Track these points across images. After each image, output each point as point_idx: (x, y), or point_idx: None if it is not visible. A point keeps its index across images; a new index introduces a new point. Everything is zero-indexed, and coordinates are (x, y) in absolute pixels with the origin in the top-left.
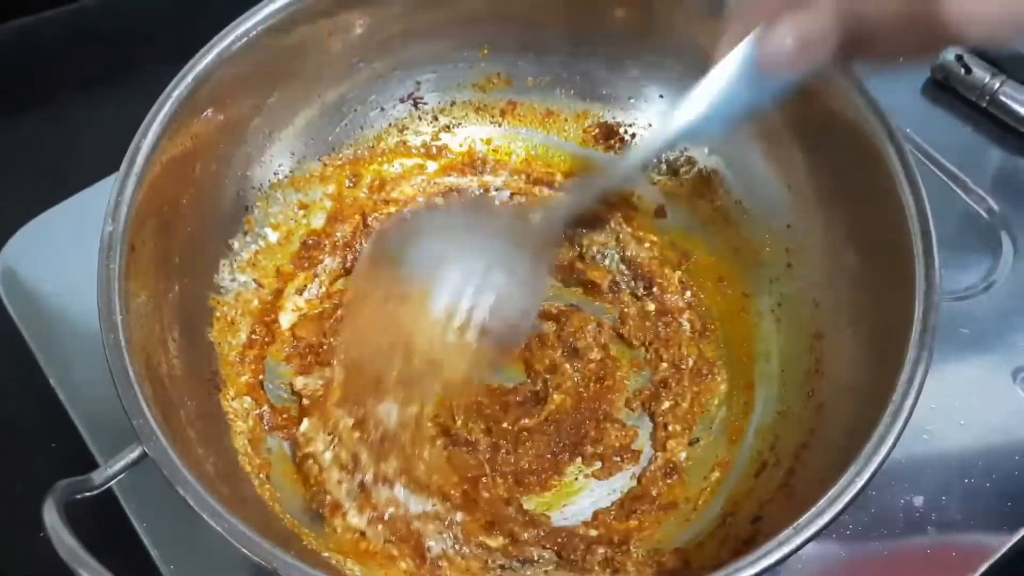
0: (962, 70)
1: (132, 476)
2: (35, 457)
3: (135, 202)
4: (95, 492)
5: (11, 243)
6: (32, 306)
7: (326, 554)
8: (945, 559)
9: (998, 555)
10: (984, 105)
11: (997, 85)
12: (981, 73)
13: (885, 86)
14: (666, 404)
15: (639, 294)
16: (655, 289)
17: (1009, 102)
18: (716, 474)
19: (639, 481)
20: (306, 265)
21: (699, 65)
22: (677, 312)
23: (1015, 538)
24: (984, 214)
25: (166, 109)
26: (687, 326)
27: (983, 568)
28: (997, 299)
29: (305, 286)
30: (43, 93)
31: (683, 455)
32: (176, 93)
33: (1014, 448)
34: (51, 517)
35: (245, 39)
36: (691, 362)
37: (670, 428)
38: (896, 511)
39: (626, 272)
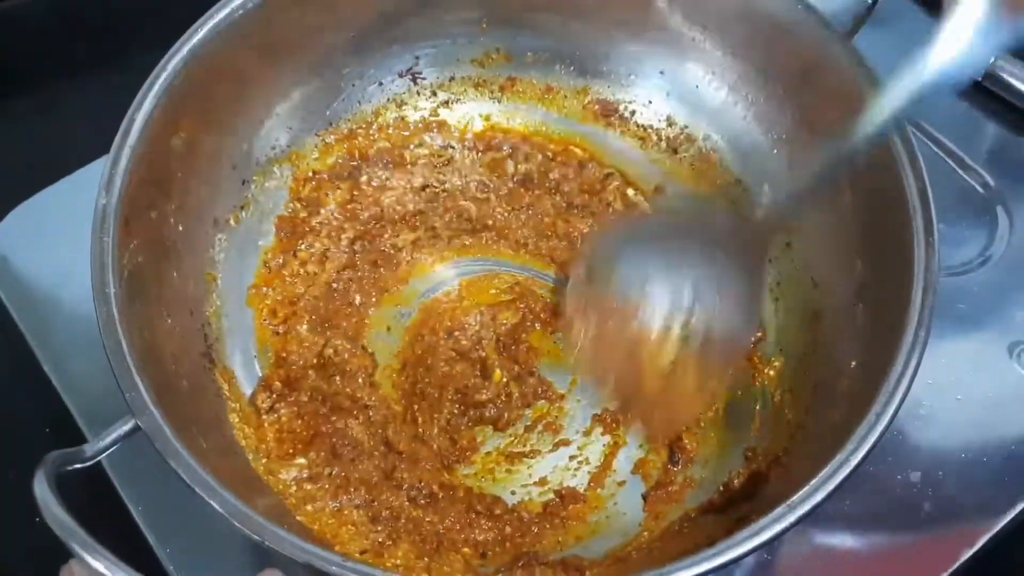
0: None
1: (126, 457)
2: (29, 443)
3: (129, 175)
4: (87, 464)
5: (0, 228)
6: (24, 291)
7: (317, 527)
8: (944, 533)
9: (996, 528)
10: (980, 80)
11: (993, 60)
12: None
13: (881, 63)
14: None
15: None
16: None
17: (1005, 76)
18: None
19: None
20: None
21: (696, 42)
22: None
23: (1013, 512)
24: (980, 189)
25: (161, 81)
26: None
27: (982, 542)
28: (993, 274)
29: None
30: (31, 78)
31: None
32: (171, 66)
33: (1011, 422)
34: (41, 489)
35: (240, 12)
36: None
37: None
38: (894, 486)
39: None
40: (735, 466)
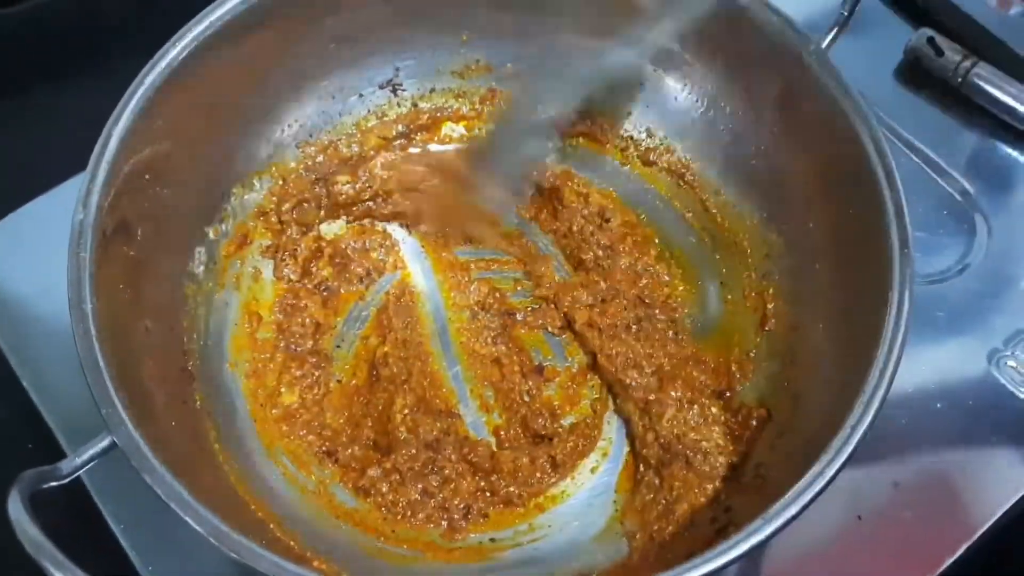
0: (933, 52)
1: (107, 474)
2: (9, 459)
3: (107, 190)
4: (63, 482)
5: None
6: (3, 307)
7: (292, 543)
8: (923, 542)
9: (977, 535)
10: (957, 87)
11: (969, 67)
12: (953, 55)
13: (858, 70)
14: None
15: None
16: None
17: (982, 84)
18: None
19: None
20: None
21: (675, 56)
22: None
23: (994, 519)
24: (958, 196)
25: (138, 96)
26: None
27: (961, 550)
28: (972, 282)
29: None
30: (11, 90)
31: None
32: (149, 80)
33: (990, 430)
34: (15, 508)
35: (219, 25)
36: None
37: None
38: (872, 494)
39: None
40: None
